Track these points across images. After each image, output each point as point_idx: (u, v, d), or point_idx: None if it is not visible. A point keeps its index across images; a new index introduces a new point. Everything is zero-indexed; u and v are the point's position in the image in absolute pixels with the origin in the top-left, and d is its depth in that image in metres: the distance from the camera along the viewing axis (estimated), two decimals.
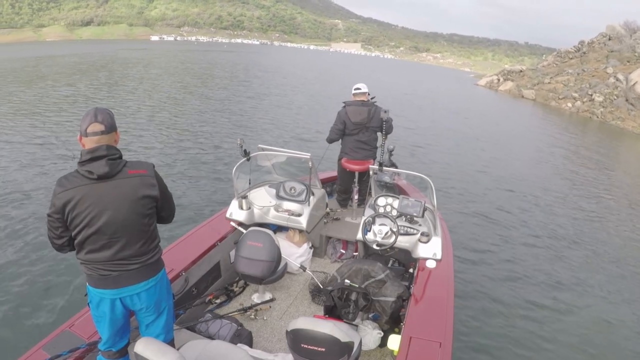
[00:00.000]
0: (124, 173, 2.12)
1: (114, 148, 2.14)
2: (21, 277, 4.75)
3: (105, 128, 2.10)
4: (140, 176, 2.16)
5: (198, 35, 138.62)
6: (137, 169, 2.17)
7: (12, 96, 15.50)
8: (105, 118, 2.12)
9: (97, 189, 2.06)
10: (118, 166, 2.11)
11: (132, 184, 2.13)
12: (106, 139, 2.11)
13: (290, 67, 42.78)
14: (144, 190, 2.15)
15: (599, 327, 4.88)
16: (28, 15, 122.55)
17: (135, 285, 2.22)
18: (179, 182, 7.93)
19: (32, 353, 2.38)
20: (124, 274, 2.18)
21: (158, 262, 2.34)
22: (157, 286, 2.32)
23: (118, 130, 2.22)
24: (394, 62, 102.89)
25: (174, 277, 3.16)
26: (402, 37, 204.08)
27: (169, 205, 2.36)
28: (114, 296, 2.20)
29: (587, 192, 10.43)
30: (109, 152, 2.09)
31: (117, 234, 2.12)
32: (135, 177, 2.14)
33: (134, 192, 2.12)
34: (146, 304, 2.31)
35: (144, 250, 2.22)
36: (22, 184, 7.32)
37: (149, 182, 2.18)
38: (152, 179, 2.19)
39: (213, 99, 17.94)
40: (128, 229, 2.14)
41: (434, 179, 4.10)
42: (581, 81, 32.02)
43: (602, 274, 6.15)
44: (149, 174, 2.20)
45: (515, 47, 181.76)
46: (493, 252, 6.46)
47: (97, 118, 2.10)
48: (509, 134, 17.89)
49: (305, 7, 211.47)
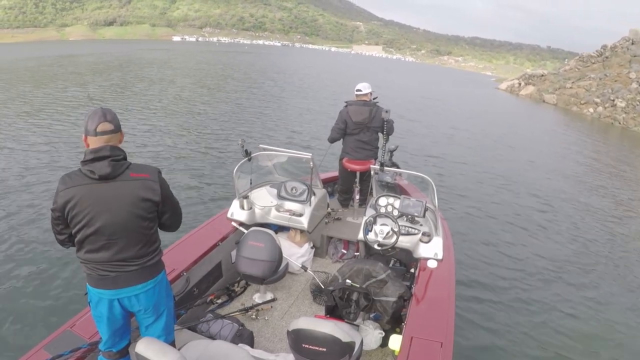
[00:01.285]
0: (126, 175, 2.12)
1: (118, 149, 2.14)
2: (23, 276, 4.76)
3: (114, 127, 2.13)
4: (142, 179, 2.14)
5: (220, 36, 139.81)
6: (140, 173, 2.16)
7: (19, 94, 15.56)
8: (113, 117, 2.15)
9: (97, 190, 2.06)
10: (121, 168, 2.10)
11: (133, 186, 2.11)
12: (114, 138, 2.14)
13: (306, 69, 42.47)
14: (145, 193, 2.13)
15: (603, 329, 4.86)
16: (51, 15, 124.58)
17: (133, 286, 2.21)
18: (180, 182, 7.93)
19: (34, 353, 2.39)
20: (123, 275, 2.18)
21: (157, 264, 2.33)
22: (156, 288, 2.31)
23: (122, 130, 2.23)
24: (415, 65, 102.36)
25: (175, 277, 3.17)
26: (424, 40, 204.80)
27: (172, 213, 2.33)
28: (112, 297, 2.20)
29: (599, 195, 10.31)
30: (113, 152, 2.09)
31: (115, 235, 2.11)
32: (137, 180, 2.13)
33: (134, 195, 2.11)
34: (145, 306, 2.30)
35: (143, 253, 2.22)
36: (23, 181, 7.34)
37: (150, 186, 2.16)
38: (154, 184, 2.17)
39: (222, 100, 17.96)
40: (127, 231, 2.13)
41: (438, 179, 4.10)
42: (603, 86, 31.35)
43: (610, 280, 6.07)
44: (151, 178, 2.17)
45: (537, 51, 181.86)
46: (494, 252, 6.45)
47: (106, 117, 2.11)
48: (525, 138, 17.52)
49: (327, 9, 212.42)
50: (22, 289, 4.57)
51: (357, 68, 53.85)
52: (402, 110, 19.09)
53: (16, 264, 5.00)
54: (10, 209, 6.37)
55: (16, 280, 4.69)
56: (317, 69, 43.44)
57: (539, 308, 5.08)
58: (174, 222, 2.38)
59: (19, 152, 9.00)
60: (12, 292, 4.50)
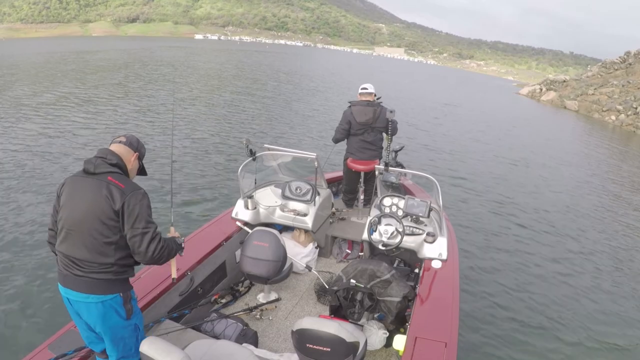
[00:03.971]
0: (104, 176, 2.15)
1: (114, 155, 2.24)
2: (27, 275, 4.79)
3: (126, 140, 2.33)
4: (114, 185, 2.13)
5: (242, 35, 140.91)
6: (119, 181, 2.16)
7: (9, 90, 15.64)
8: (131, 138, 2.36)
9: (77, 181, 2.19)
10: (103, 168, 2.16)
11: (101, 186, 2.12)
12: (122, 149, 2.29)
13: (322, 70, 42.09)
14: (107, 195, 2.10)
15: (609, 332, 4.82)
16: (75, 11, 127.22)
17: (76, 292, 2.16)
18: (184, 182, 7.97)
19: (38, 352, 2.41)
20: (70, 275, 2.16)
21: (108, 283, 2.18)
22: (101, 308, 2.18)
23: (140, 159, 2.39)
24: (437, 69, 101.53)
25: (179, 276, 3.18)
26: (446, 43, 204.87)
27: (134, 235, 2.14)
28: (64, 294, 2.22)
29: (613, 203, 10.19)
30: (107, 155, 2.22)
31: (72, 229, 2.14)
32: (109, 184, 2.13)
33: (98, 193, 2.12)
34: (91, 321, 2.21)
35: (92, 260, 2.13)
36: (23, 179, 7.40)
37: (117, 195, 2.11)
38: (122, 196, 2.11)
39: (229, 100, 17.93)
40: (82, 229, 2.12)
41: (443, 180, 4.09)
42: (626, 93, 30.87)
43: (617, 283, 6.04)
44: (125, 190, 2.13)
45: (559, 57, 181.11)
46: (499, 253, 6.42)
47: (126, 135, 2.39)
48: (542, 144, 17.16)
49: (350, 10, 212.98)
50: (27, 287, 4.60)
51: (378, 71, 53.16)
52: (414, 113, 18.98)
53: (21, 261, 5.04)
54: (7, 208, 6.42)
55: (21, 278, 4.73)
56: (334, 71, 42.55)
57: (544, 310, 5.05)
58: (138, 249, 2.17)
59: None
60: (17, 291, 4.53)
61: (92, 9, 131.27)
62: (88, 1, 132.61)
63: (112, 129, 11.47)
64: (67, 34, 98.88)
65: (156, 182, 7.44)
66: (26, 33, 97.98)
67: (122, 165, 2.26)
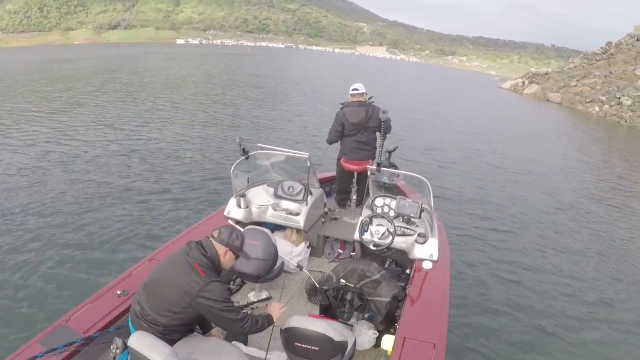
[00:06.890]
0: (190, 263, 2.39)
1: (205, 249, 2.47)
2: (20, 271, 4.75)
3: (220, 236, 2.54)
4: (194, 272, 2.36)
5: (224, 38, 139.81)
6: (201, 269, 2.38)
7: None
8: (226, 232, 2.56)
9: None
10: (193, 254, 2.44)
11: (184, 270, 2.38)
12: (219, 248, 2.52)
13: (302, 71, 42.08)
14: (182, 282, 2.34)
15: (597, 332, 4.87)
16: (56, 19, 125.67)
17: None
18: (177, 180, 7.95)
19: (28, 347, 2.40)
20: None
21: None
22: None
23: (228, 256, 2.56)
24: (419, 67, 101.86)
25: None
26: (428, 40, 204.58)
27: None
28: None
29: (599, 198, 10.27)
30: (200, 247, 2.47)
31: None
32: (190, 270, 2.38)
33: (177, 274, 2.38)
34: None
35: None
36: (20, 178, 7.35)
37: (192, 283, 2.33)
38: (197, 287, 2.32)
39: (217, 101, 17.93)
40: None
41: (437, 180, 4.11)
42: (609, 84, 30.95)
43: (606, 281, 6.09)
44: (204, 280, 2.34)
45: (541, 50, 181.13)
46: (490, 254, 6.46)
47: (227, 228, 2.61)
48: (526, 138, 17.36)
49: (331, 11, 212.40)
50: (19, 282, 4.57)
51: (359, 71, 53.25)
52: (402, 112, 19.05)
53: (14, 259, 5.00)
54: (6, 208, 6.38)
55: (14, 274, 4.69)
56: (316, 72, 42.63)
57: (533, 311, 5.09)
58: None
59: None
60: (9, 286, 4.50)
61: (73, 17, 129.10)
62: (69, 9, 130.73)
63: (100, 131, 11.41)
64: (49, 43, 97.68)
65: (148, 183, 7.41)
66: (7, 43, 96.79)
67: (212, 255, 2.51)
